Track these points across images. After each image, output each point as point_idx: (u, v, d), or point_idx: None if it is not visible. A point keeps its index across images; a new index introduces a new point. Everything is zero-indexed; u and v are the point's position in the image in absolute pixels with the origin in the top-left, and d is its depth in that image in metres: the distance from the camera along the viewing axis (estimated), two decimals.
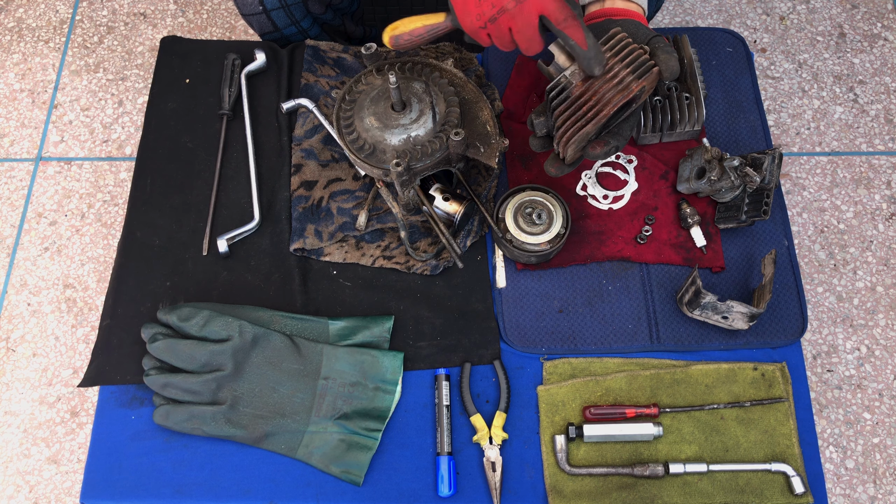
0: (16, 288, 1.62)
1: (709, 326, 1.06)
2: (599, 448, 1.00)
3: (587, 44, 0.89)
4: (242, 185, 1.16)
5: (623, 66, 0.91)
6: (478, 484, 0.99)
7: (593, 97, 0.92)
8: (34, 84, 1.84)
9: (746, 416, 1.01)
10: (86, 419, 1.50)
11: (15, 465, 1.47)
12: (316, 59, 1.24)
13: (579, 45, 0.88)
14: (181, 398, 0.99)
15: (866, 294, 1.58)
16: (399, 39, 0.99)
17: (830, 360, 1.53)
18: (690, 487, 0.97)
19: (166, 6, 1.94)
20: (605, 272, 1.10)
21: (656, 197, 1.14)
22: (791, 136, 1.75)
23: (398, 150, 1.01)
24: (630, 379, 1.03)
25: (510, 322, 1.07)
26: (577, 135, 0.92)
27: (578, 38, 0.88)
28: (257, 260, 1.12)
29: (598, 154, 0.95)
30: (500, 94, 1.21)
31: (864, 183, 1.69)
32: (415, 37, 0.98)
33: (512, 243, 1.04)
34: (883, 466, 1.45)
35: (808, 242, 1.63)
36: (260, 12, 1.22)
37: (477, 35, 0.93)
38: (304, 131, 1.18)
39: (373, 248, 1.11)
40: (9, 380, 1.54)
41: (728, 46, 1.26)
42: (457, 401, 1.03)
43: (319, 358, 1.02)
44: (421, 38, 0.98)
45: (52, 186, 1.72)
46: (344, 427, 0.99)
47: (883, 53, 1.83)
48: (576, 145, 0.93)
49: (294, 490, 0.98)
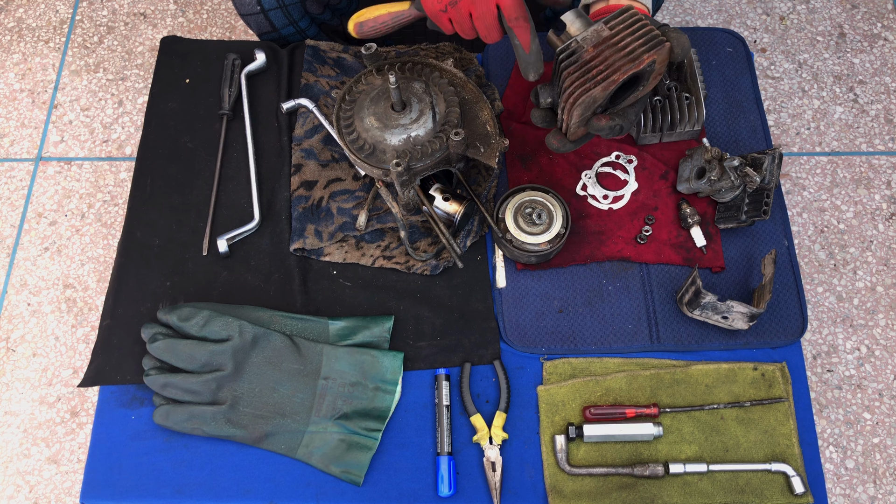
0: (16, 288, 1.62)
1: (709, 326, 1.06)
2: (599, 448, 1.00)
3: (530, 48, 0.90)
4: (242, 185, 1.16)
5: (634, 38, 0.90)
6: (478, 484, 0.99)
7: (603, 63, 0.90)
8: (34, 84, 1.84)
9: (746, 416, 1.01)
10: (86, 419, 1.50)
11: (15, 465, 1.47)
12: (316, 59, 1.24)
13: (522, 46, 0.91)
14: (181, 398, 0.99)
15: (866, 294, 1.58)
16: (363, 27, 1.02)
17: (830, 360, 1.53)
18: (690, 487, 0.97)
19: (166, 6, 1.94)
20: (605, 272, 1.10)
21: (656, 197, 1.14)
22: (791, 136, 1.75)
23: (398, 150, 1.01)
24: (630, 379, 1.03)
25: (510, 322, 1.07)
26: (583, 96, 0.89)
27: (524, 41, 0.91)
28: (257, 260, 1.12)
29: (602, 127, 0.93)
30: (500, 94, 1.21)
31: (864, 183, 1.69)
32: (378, 23, 1.01)
33: (512, 243, 1.04)
34: (883, 466, 1.45)
35: (808, 242, 1.63)
36: (258, 12, 1.22)
37: (438, 19, 0.95)
38: (304, 131, 1.18)
39: (373, 248, 1.11)
40: (9, 380, 1.54)
41: (728, 46, 1.26)
42: (457, 401, 1.03)
43: (319, 358, 1.02)
44: (385, 24, 1.01)
45: (52, 186, 1.72)
46: (344, 427, 0.99)
47: (883, 53, 1.83)
48: (581, 109, 0.91)
49: (294, 490, 0.98)
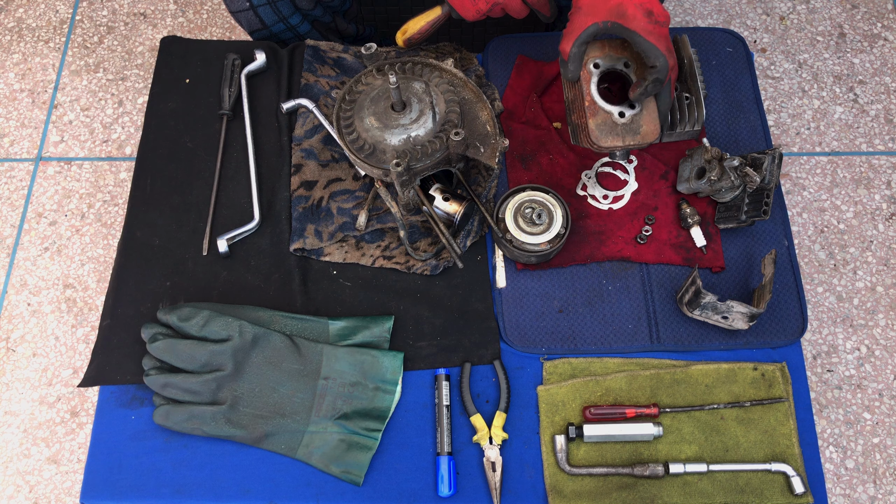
0: (16, 288, 1.62)
1: (709, 326, 1.05)
2: (599, 448, 1.00)
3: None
4: (242, 185, 1.16)
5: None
6: (478, 484, 0.99)
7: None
8: (34, 84, 1.84)
9: (746, 416, 1.01)
10: (86, 419, 1.50)
11: (15, 465, 1.47)
12: (316, 59, 1.24)
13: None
14: (181, 398, 0.99)
15: (866, 294, 1.58)
16: (411, 40, 1.16)
17: (830, 360, 1.53)
18: (690, 487, 0.97)
19: (166, 6, 1.94)
20: (605, 272, 1.10)
21: (656, 197, 1.14)
22: (791, 136, 1.75)
23: (398, 150, 1.01)
24: (630, 379, 1.03)
25: (510, 322, 1.07)
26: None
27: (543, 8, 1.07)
28: (257, 260, 1.11)
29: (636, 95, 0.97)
30: (500, 94, 1.21)
31: (864, 183, 1.69)
32: (422, 33, 1.15)
33: (512, 243, 1.04)
34: (883, 466, 1.45)
35: (808, 242, 1.63)
36: (247, 8, 1.22)
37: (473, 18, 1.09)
38: (304, 131, 1.18)
39: (373, 248, 1.11)
40: (9, 380, 1.54)
41: (728, 46, 1.26)
42: (457, 401, 1.03)
43: (319, 358, 1.02)
44: (427, 32, 1.15)
45: (52, 186, 1.72)
46: (344, 427, 0.99)
47: (883, 53, 1.83)
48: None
49: (294, 490, 0.98)
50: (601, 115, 0.99)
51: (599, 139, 0.99)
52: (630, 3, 0.91)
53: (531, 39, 1.26)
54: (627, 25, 0.91)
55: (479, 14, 1.07)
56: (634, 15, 0.90)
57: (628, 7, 0.90)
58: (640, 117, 0.99)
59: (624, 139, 0.99)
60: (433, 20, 1.13)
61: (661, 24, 0.92)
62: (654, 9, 0.91)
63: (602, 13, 0.91)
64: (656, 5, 0.92)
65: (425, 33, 1.14)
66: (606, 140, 0.99)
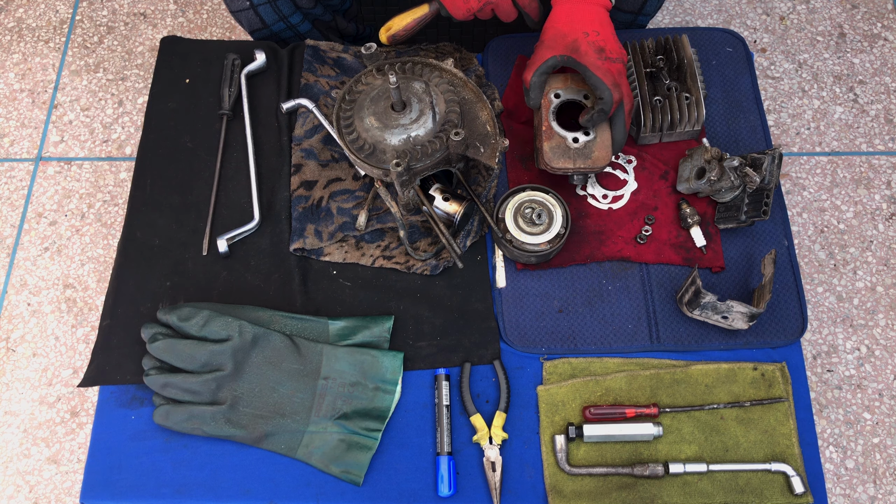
0: (16, 288, 1.62)
1: (709, 326, 1.06)
2: (599, 448, 1.00)
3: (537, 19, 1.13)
4: (242, 185, 1.16)
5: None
6: (478, 484, 0.99)
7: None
8: (34, 84, 1.84)
9: (746, 416, 1.01)
10: (86, 419, 1.50)
11: (15, 465, 1.47)
12: (316, 58, 1.24)
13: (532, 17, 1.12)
14: (181, 398, 0.99)
15: (866, 294, 1.58)
16: (395, 37, 1.15)
17: (830, 360, 1.53)
18: (690, 487, 0.97)
19: (166, 6, 1.94)
20: (605, 272, 1.10)
21: (656, 197, 1.14)
22: (791, 136, 1.75)
23: (398, 150, 1.01)
24: (630, 379, 1.03)
25: (510, 322, 1.07)
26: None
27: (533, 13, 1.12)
28: (257, 260, 1.12)
29: (583, 120, 1.06)
30: (500, 94, 1.21)
31: (864, 183, 1.69)
32: (407, 30, 1.14)
33: (512, 243, 1.04)
34: (883, 466, 1.45)
35: (808, 242, 1.63)
36: (247, 8, 1.22)
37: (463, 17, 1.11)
38: (304, 131, 1.18)
39: (373, 248, 1.11)
40: (9, 380, 1.54)
41: (728, 46, 1.26)
42: (457, 401, 1.03)
43: (319, 358, 1.02)
44: (413, 30, 1.14)
45: (52, 186, 1.72)
46: (344, 427, 0.99)
47: (883, 53, 1.83)
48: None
49: (294, 490, 0.98)
50: (556, 139, 1.06)
51: (552, 161, 1.05)
52: (584, 40, 1.00)
53: (531, 39, 1.26)
54: (579, 60, 1.00)
55: (468, 13, 1.09)
56: (586, 51, 1.00)
57: (581, 44, 1.00)
58: (593, 144, 1.05)
59: (575, 162, 1.05)
60: (419, 18, 1.13)
61: (612, 60, 1.01)
62: (607, 47, 1.01)
63: (560, 48, 1.01)
64: (611, 43, 1.02)
65: (411, 31, 1.14)
66: (558, 162, 1.05)
